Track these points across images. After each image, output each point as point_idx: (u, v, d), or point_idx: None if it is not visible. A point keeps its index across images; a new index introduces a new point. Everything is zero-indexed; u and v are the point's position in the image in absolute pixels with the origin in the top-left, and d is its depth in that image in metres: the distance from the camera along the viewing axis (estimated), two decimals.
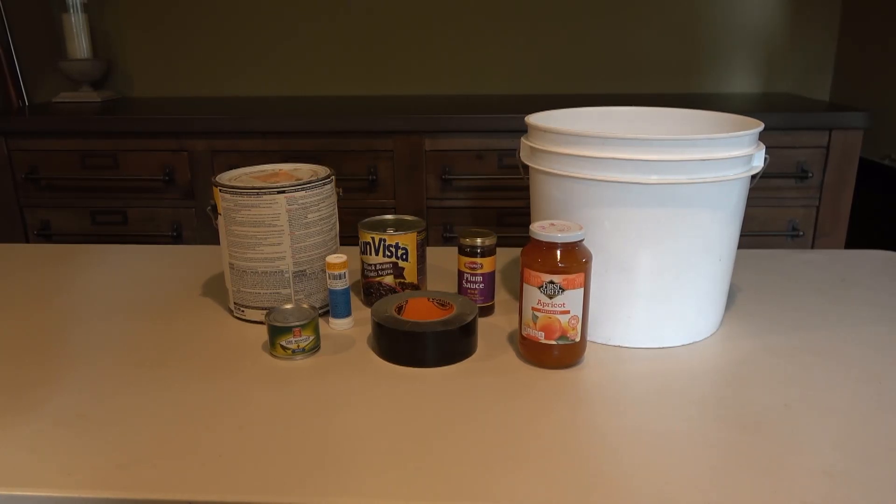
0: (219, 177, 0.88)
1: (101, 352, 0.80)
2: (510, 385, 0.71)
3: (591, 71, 2.07)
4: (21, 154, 1.75)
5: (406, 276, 0.88)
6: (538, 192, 0.82)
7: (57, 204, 1.78)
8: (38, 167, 1.75)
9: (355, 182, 1.70)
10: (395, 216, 0.94)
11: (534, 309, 0.72)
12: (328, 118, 1.66)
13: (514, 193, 1.69)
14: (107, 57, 2.13)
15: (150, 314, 0.90)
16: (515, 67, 2.09)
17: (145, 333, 0.85)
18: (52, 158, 1.75)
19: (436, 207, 1.71)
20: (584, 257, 0.72)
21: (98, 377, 0.74)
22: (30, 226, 1.80)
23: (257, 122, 1.67)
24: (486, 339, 0.81)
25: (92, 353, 0.80)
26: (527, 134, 0.85)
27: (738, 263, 1.06)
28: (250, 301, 0.86)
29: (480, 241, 0.84)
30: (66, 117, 1.72)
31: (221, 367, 0.76)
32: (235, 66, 2.13)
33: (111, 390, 0.71)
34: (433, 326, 0.75)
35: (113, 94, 2.11)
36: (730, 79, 2.06)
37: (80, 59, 2.02)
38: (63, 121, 1.71)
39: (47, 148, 1.74)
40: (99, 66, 2.05)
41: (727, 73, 2.06)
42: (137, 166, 1.74)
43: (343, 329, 0.85)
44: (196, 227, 1.77)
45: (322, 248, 0.87)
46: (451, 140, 1.67)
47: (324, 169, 0.91)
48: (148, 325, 0.87)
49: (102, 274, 1.05)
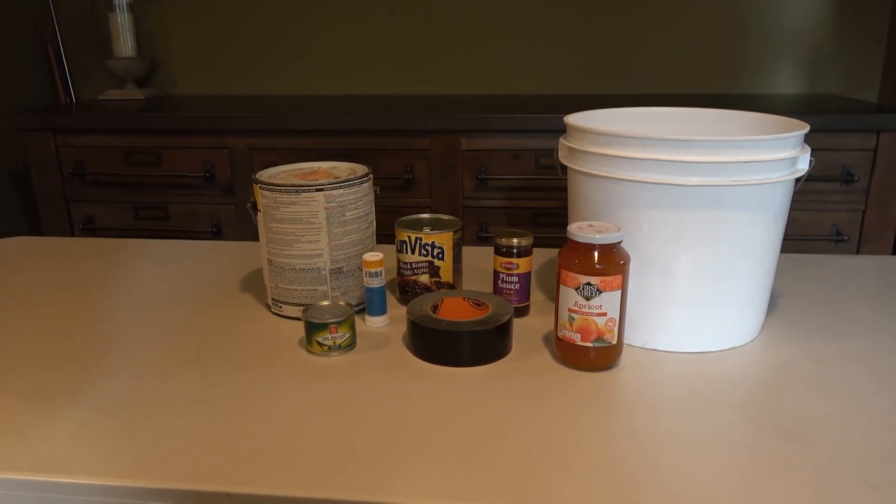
0: (259, 174, 0.89)
1: (142, 344, 0.82)
2: (545, 387, 0.71)
3: (630, 70, 2.05)
4: (68, 150, 1.80)
5: (442, 275, 0.89)
6: (576, 193, 0.82)
7: (101, 199, 1.82)
8: (85, 163, 1.80)
9: (392, 181, 1.71)
10: (432, 215, 0.94)
11: (570, 310, 0.72)
12: (365, 117, 1.67)
13: (550, 194, 1.68)
14: (151, 55, 2.18)
15: (189, 308, 0.92)
16: (554, 67, 2.07)
17: (185, 327, 0.86)
18: (98, 154, 1.79)
19: (471, 207, 1.71)
20: (622, 259, 0.71)
21: (138, 368, 0.76)
22: (75, 220, 1.84)
23: (295, 121, 1.69)
24: (521, 340, 0.81)
25: (132, 345, 0.81)
26: (565, 134, 0.85)
27: (780, 268, 1.04)
28: (288, 297, 0.87)
29: (517, 241, 0.84)
30: (112, 114, 1.76)
31: (259, 361, 0.77)
32: (275, 65, 2.16)
33: (151, 382, 0.73)
34: (469, 326, 0.75)
35: (156, 91, 2.16)
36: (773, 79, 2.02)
37: (126, 58, 2.07)
38: (108, 118, 1.75)
39: (93, 144, 1.79)
40: (143, 65, 2.09)
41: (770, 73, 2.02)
42: (179, 163, 1.78)
43: (378, 327, 0.85)
44: (235, 223, 1.80)
45: (359, 246, 0.88)
46: (487, 139, 1.67)
47: (362, 167, 0.92)
48: (187, 319, 0.89)
49: (144, 267, 1.08)
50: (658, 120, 0.96)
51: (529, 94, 2.07)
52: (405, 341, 0.81)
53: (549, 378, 0.73)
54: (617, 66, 2.05)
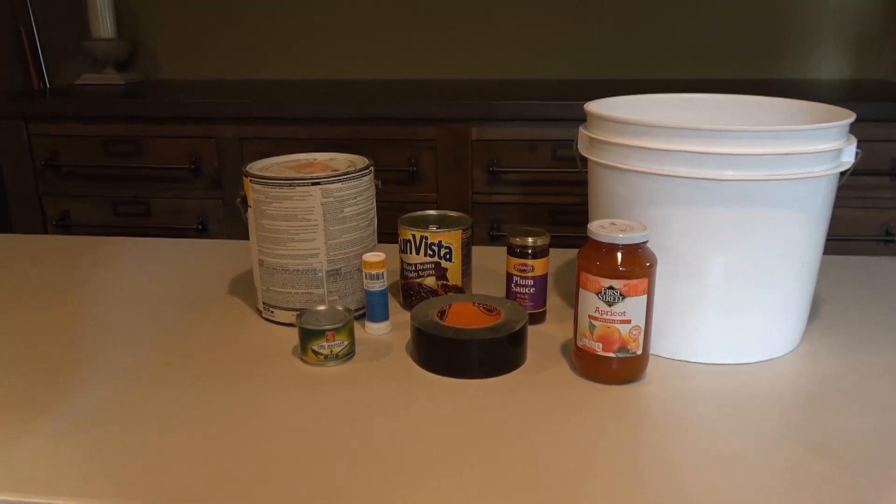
0: (249, 166, 0.89)
1: (121, 353, 0.82)
2: (563, 401, 0.71)
3: (658, 53, 2.05)
4: (41, 139, 1.81)
5: (449, 277, 0.89)
6: (598, 188, 0.82)
7: (77, 193, 1.83)
8: (59, 153, 1.81)
9: (394, 174, 1.72)
10: (438, 212, 0.94)
11: (591, 317, 0.72)
12: (365, 104, 1.68)
13: (570, 189, 1.67)
14: (132, 37, 2.19)
15: (173, 313, 0.92)
16: (574, 49, 2.07)
17: (168, 334, 0.87)
18: (74, 145, 1.80)
19: (482, 203, 1.71)
20: (648, 261, 0.71)
21: (118, 379, 0.76)
22: (49, 216, 1.85)
23: (289, 108, 1.70)
24: (536, 349, 0.81)
25: (111, 354, 0.82)
26: (586, 123, 0.85)
27: (823, 271, 1.04)
28: (280, 301, 0.87)
29: (532, 240, 0.84)
30: (89, 101, 1.77)
31: (248, 372, 0.77)
32: (267, 47, 2.17)
33: (131, 394, 0.73)
34: (479, 333, 0.75)
35: (138, 76, 2.17)
36: (816, 64, 2.01)
37: (105, 39, 2.07)
38: (85, 104, 1.76)
39: (69, 133, 1.80)
40: (123, 47, 2.10)
41: (813, 57, 2.01)
42: (162, 154, 1.79)
43: (380, 334, 0.86)
44: (223, 219, 1.81)
45: (359, 246, 0.88)
46: (500, 129, 1.67)
47: (361, 159, 0.92)
48: (171, 326, 0.89)
49: (123, 268, 1.08)
50: (688, 107, 0.95)
51: (546, 79, 2.06)
52: (409, 350, 0.81)
53: (567, 392, 0.72)
54: (643, 48, 2.05)
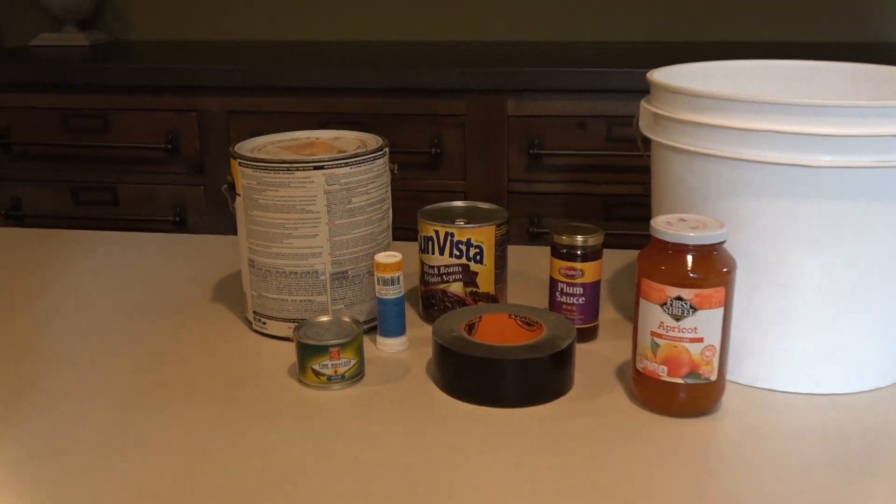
0: (238, 146, 0.90)
1: (83, 372, 0.83)
2: (618, 436, 0.71)
3: (736, 11, 2.03)
4: None
5: (480, 283, 0.89)
6: (664, 176, 0.81)
7: (31, 177, 1.86)
8: (10, 129, 1.83)
9: (414, 157, 1.72)
10: (467, 203, 0.94)
11: (654, 334, 0.72)
12: (380, 71, 1.68)
13: (628, 176, 1.67)
14: None
15: (143, 324, 0.93)
16: (634, 4, 2.06)
17: (138, 349, 0.87)
18: (27, 119, 1.83)
19: (520, 193, 1.71)
20: (726, 266, 0.71)
21: (80, 401, 0.77)
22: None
23: (286, 75, 1.71)
24: (586, 373, 0.81)
25: (70, 373, 0.83)
26: (649, 96, 0.84)
27: None
28: (274, 310, 0.88)
29: (582, 239, 0.84)
30: (46, 66, 1.79)
31: (235, 396, 0.78)
32: (259, 2, 2.18)
33: (96, 419, 0.74)
34: (515, 353, 0.75)
35: (104, 36, 2.19)
36: None
37: None
38: (41, 70, 1.79)
39: (21, 105, 1.82)
40: (87, 1, 2.12)
41: None
42: (133, 130, 1.80)
43: (395, 351, 0.86)
44: (206, 210, 1.82)
45: (370, 244, 0.88)
46: (542, 102, 1.66)
47: (374, 138, 0.92)
48: (141, 339, 0.90)
49: (85, 268, 1.09)
50: (774, 77, 0.95)
51: (600, 42, 2.06)
52: (430, 372, 0.81)
53: (623, 425, 0.72)
54: (718, 5, 2.04)
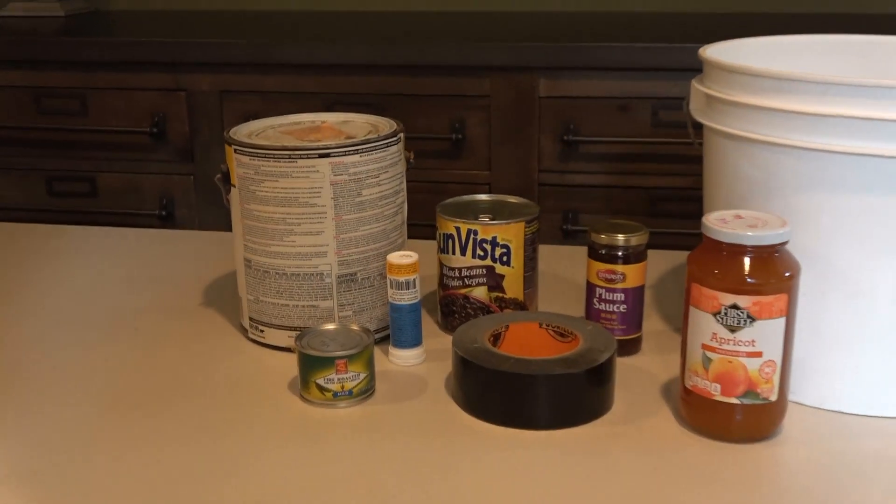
0: (233, 131, 0.90)
1: (55, 387, 0.83)
2: (663, 464, 0.70)
3: None
4: None
5: (507, 287, 0.89)
6: (718, 166, 0.81)
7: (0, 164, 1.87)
8: None
9: (433, 143, 1.72)
10: (493, 196, 0.94)
11: (706, 347, 0.71)
12: (394, 46, 1.68)
13: (677, 167, 1.66)
14: None
15: (127, 333, 0.93)
16: None
17: (119, 362, 0.88)
18: None
19: (553, 185, 1.71)
20: (788, 270, 0.70)
21: (56, 422, 0.77)
22: None
23: (287, 50, 1.71)
24: (627, 391, 0.81)
25: (42, 388, 0.83)
26: (701, 75, 0.84)
27: None
28: (273, 317, 0.88)
29: (623, 238, 0.84)
30: (15, 39, 1.80)
31: (228, 415, 0.78)
32: None
33: (74, 441, 0.74)
34: (547, 367, 0.75)
35: (82, 5, 2.20)
36: None
37: None
38: (10, 44, 1.79)
39: None
40: None
41: None
42: (114, 112, 1.81)
43: (409, 364, 0.86)
44: (196, 203, 1.83)
45: (381, 242, 0.88)
46: (579, 81, 1.66)
47: (387, 122, 0.92)
48: (122, 350, 0.90)
49: (59, 268, 1.10)
50: (845, 53, 0.94)
51: (645, 13, 2.05)
52: (449, 388, 0.81)
53: (670, 451, 0.72)
54: None
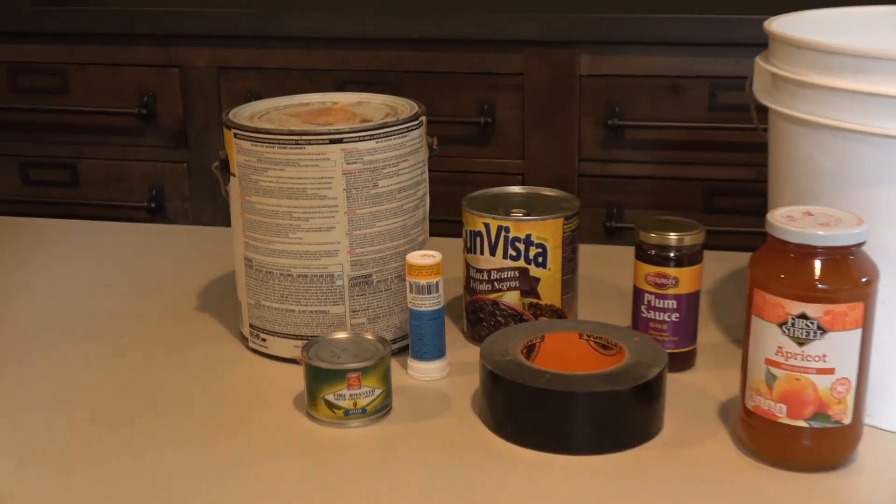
0: (233, 112, 0.90)
1: (34, 397, 0.84)
2: (720, 493, 0.70)
3: None
4: None
5: (542, 293, 0.89)
6: (785, 156, 0.81)
7: None
8: None
9: (458, 127, 1.72)
10: (526, 188, 0.94)
11: (769, 362, 0.71)
12: (415, 17, 1.68)
13: (738, 156, 1.65)
14: None
15: (111, 341, 0.94)
16: None
17: (104, 373, 0.88)
18: None
19: (595, 176, 1.70)
20: (865, 275, 0.70)
21: (35, 439, 0.77)
22: None
23: (294, 21, 1.71)
24: (679, 411, 0.80)
25: (19, 402, 0.83)
26: (766, 52, 0.83)
27: None
28: (277, 324, 0.88)
29: (676, 237, 0.84)
30: None
31: (226, 433, 0.78)
32: None
33: (51, 461, 0.74)
34: (588, 383, 0.75)
35: None
36: None
37: None
38: None
39: None
40: None
41: None
42: (98, 91, 1.82)
43: (431, 379, 0.86)
44: (190, 194, 1.84)
45: (400, 240, 0.88)
46: (625, 58, 1.66)
47: (407, 104, 0.92)
48: (108, 360, 0.90)
49: (36, 266, 1.10)
50: None
51: None
52: (477, 406, 0.81)
53: (726, 480, 0.72)
54: None
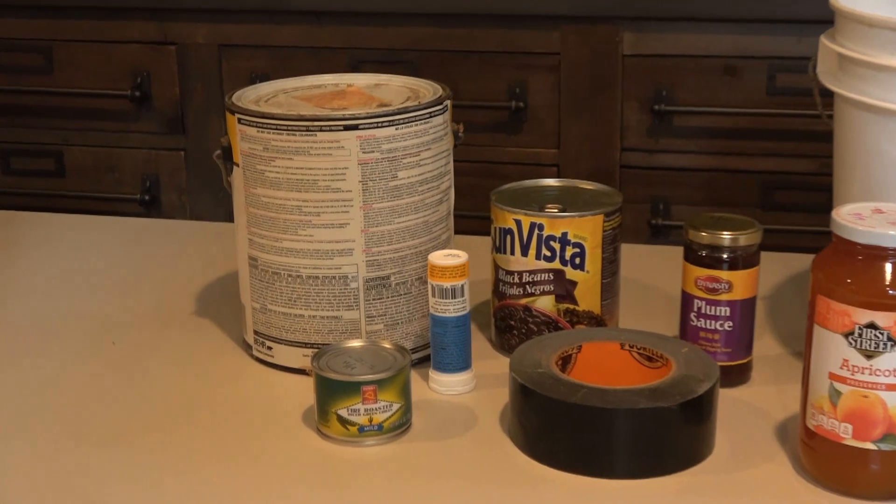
0: (236, 95, 0.91)
1: (17, 416, 0.85)
2: None
3: None
4: None
5: (579, 297, 0.89)
6: (853, 146, 0.81)
7: None
8: None
9: (487, 113, 1.72)
10: (562, 181, 0.95)
11: (834, 377, 0.71)
12: None
13: (799, 146, 1.65)
14: None
15: (101, 348, 0.95)
16: None
17: (94, 384, 0.89)
18: None
19: (638, 167, 1.70)
20: None
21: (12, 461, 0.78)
22: None
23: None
24: (732, 431, 0.80)
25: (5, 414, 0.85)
26: (832, 29, 0.83)
27: None
28: (285, 330, 0.89)
29: (730, 237, 0.84)
30: None
31: (227, 450, 0.79)
32: None
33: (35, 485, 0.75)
34: (630, 399, 0.75)
35: None
36: None
37: None
38: None
39: None
40: None
41: None
42: (87, 71, 1.83)
43: (455, 393, 0.86)
44: (188, 186, 1.84)
45: (422, 237, 0.89)
46: (673, 35, 1.65)
47: (429, 86, 0.93)
48: (98, 370, 0.91)
49: (19, 265, 1.11)
50: None
51: None
52: (506, 424, 0.82)
53: None
54: None
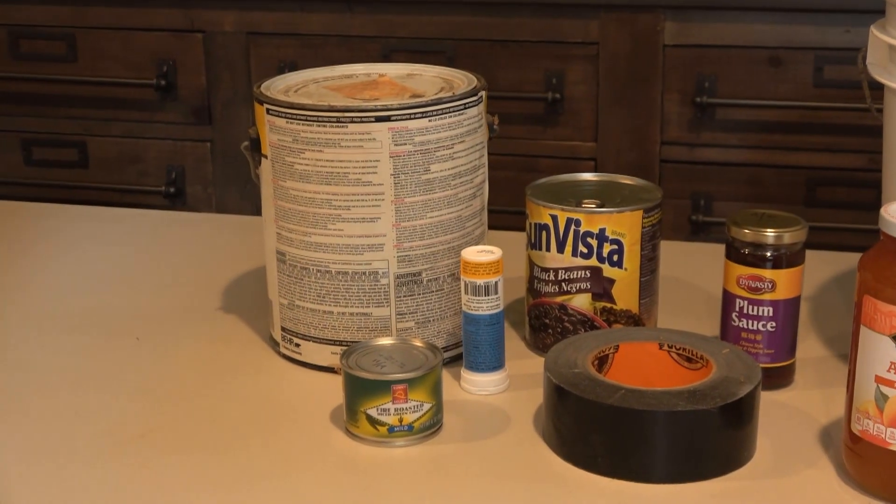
0: (265, 85, 0.91)
1: (38, 407, 0.85)
2: None
3: None
4: None
5: (617, 296, 0.89)
6: None
7: None
8: None
9: (523, 105, 1.72)
10: (600, 176, 0.94)
11: (881, 381, 0.71)
12: None
13: (847, 140, 1.64)
14: None
15: (125, 344, 0.95)
16: None
17: (118, 381, 0.89)
18: None
19: (680, 162, 1.70)
20: None
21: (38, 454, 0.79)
22: None
23: None
24: (774, 436, 0.80)
25: (20, 408, 0.85)
26: (883, 19, 0.83)
27: None
28: (313, 327, 0.89)
29: (774, 234, 0.84)
30: None
31: (254, 450, 0.79)
32: None
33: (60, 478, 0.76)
34: (669, 401, 0.75)
35: None
36: None
37: None
38: None
39: None
40: None
41: None
42: (110, 59, 1.84)
43: (488, 393, 0.86)
44: (215, 178, 1.85)
45: (455, 233, 0.89)
46: (716, 25, 1.65)
47: (464, 77, 0.93)
48: (122, 365, 0.92)
49: (41, 258, 1.12)
50: None
51: None
52: (540, 425, 0.82)
53: None
54: None
